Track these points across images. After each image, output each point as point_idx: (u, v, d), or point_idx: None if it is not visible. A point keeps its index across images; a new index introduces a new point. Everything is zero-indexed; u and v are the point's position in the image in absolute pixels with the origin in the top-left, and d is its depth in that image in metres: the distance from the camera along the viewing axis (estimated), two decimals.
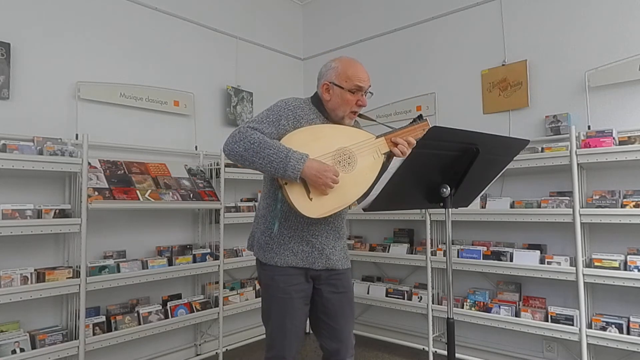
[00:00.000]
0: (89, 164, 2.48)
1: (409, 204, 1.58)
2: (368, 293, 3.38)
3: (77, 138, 2.64)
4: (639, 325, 2.33)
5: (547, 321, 2.58)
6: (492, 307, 2.79)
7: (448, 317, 1.47)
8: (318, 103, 1.71)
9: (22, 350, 2.19)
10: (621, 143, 2.44)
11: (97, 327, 2.50)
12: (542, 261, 2.64)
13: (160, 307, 2.79)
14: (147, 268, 2.70)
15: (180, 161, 3.19)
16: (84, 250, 2.39)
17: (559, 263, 2.57)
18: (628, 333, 2.35)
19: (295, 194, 1.51)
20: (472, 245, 3.01)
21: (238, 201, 3.43)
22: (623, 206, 2.40)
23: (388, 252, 3.35)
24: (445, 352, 2.37)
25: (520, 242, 2.91)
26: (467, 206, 1.63)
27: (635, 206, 2.36)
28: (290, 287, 1.64)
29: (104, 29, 2.88)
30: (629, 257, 2.40)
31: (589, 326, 2.47)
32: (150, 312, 2.72)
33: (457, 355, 2.95)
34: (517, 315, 2.70)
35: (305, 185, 1.51)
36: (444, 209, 1.47)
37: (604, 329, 2.41)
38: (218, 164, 3.18)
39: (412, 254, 3.24)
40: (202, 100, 3.42)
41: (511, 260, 2.73)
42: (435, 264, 3.06)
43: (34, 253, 2.48)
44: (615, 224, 2.47)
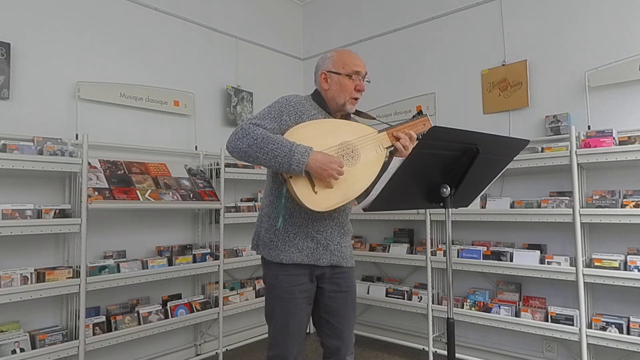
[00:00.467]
0: (89, 164, 2.49)
1: (409, 204, 1.58)
2: (368, 293, 3.38)
3: (77, 138, 2.64)
4: (639, 325, 2.33)
5: (547, 321, 2.58)
6: (492, 307, 2.79)
7: (448, 317, 1.47)
8: (319, 99, 1.72)
9: (22, 350, 2.19)
10: (621, 143, 2.44)
11: (97, 327, 2.50)
12: (542, 261, 2.64)
13: (160, 307, 2.79)
14: (147, 268, 2.70)
15: (180, 161, 3.19)
16: (84, 250, 2.39)
17: (559, 263, 2.57)
18: (628, 333, 2.35)
19: (300, 188, 1.50)
20: (472, 245, 3.01)
21: (238, 201, 3.42)
22: (623, 206, 2.40)
23: (388, 252, 3.35)
24: (445, 352, 2.37)
25: (520, 242, 2.91)
26: (467, 206, 1.63)
27: (635, 206, 2.36)
28: (294, 287, 1.64)
29: (104, 29, 2.88)
30: (629, 257, 2.40)
31: (589, 326, 2.47)
32: (150, 312, 2.72)
33: (457, 355, 2.95)
34: (517, 315, 2.70)
35: (310, 178, 1.51)
36: (444, 209, 1.47)
37: (604, 329, 2.41)
38: (218, 164, 3.18)
39: (412, 254, 3.24)
40: (202, 100, 3.42)
41: (511, 260, 2.73)
42: (435, 264, 3.06)
43: (34, 253, 2.48)
44: (615, 224, 2.47)
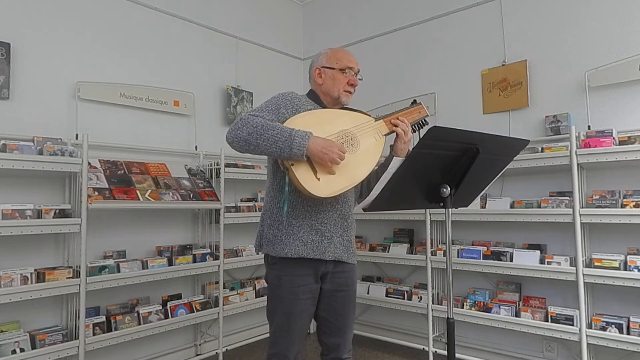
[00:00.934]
0: (89, 164, 2.48)
1: (409, 204, 1.58)
2: (368, 293, 3.38)
3: (77, 138, 2.64)
4: (639, 325, 2.33)
5: (547, 321, 2.58)
6: (492, 307, 2.79)
7: (448, 317, 1.47)
8: (314, 96, 1.76)
9: (22, 350, 2.19)
10: (621, 143, 2.44)
11: (97, 327, 2.50)
12: (542, 261, 2.64)
13: (160, 307, 2.79)
14: (147, 268, 2.70)
15: (180, 161, 3.19)
16: (84, 250, 2.39)
17: (559, 263, 2.57)
18: (628, 333, 2.35)
19: (302, 175, 1.50)
20: (472, 245, 3.02)
21: (238, 201, 3.42)
22: (623, 206, 2.40)
23: (388, 252, 3.35)
24: (445, 352, 2.37)
25: (520, 242, 2.91)
26: (467, 206, 1.63)
27: (635, 206, 2.36)
28: (297, 288, 1.63)
29: (103, 29, 2.88)
30: (629, 257, 2.40)
31: (589, 326, 2.47)
32: (150, 312, 2.72)
33: (457, 355, 2.95)
34: (517, 315, 2.70)
35: (312, 165, 1.51)
36: (444, 209, 1.47)
37: (604, 329, 2.41)
38: (218, 164, 3.18)
39: (412, 254, 3.24)
40: (202, 100, 3.42)
41: (511, 260, 2.73)
42: (435, 264, 3.06)
43: (34, 253, 2.48)
44: (615, 224, 2.47)
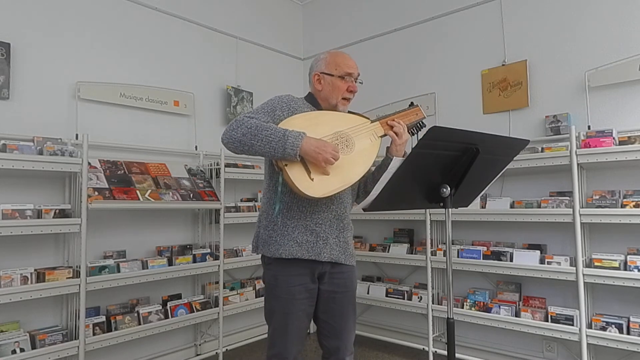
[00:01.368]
0: (89, 164, 2.48)
1: (409, 204, 1.58)
2: (368, 293, 3.38)
3: (77, 138, 2.64)
4: (639, 325, 2.33)
5: (547, 321, 2.58)
6: (492, 307, 2.79)
7: (448, 317, 1.47)
8: (312, 99, 1.76)
9: (22, 350, 2.19)
10: (621, 143, 2.44)
11: (97, 327, 2.50)
12: (542, 261, 2.64)
13: (160, 307, 2.79)
14: (147, 268, 2.70)
15: (180, 161, 3.19)
16: (84, 250, 2.39)
17: (559, 263, 2.57)
18: (628, 333, 2.35)
19: (296, 175, 1.50)
20: (472, 245, 3.01)
21: (238, 201, 3.42)
22: (623, 206, 2.40)
23: (388, 252, 3.35)
24: (445, 352, 2.37)
25: (520, 242, 2.91)
26: (467, 206, 1.63)
27: (635, 206, 2.36)
28: (294, 288, 1.63)
29: (104, 29, 2.88)
30: (629, 257, 2.40)
31: (589, 326, 2.47)
32: (150, 312, 2.72)
33: (457, 355, 2.95)
34: (517, 315, 2.70)
35: (306, 166, 1.51)
36: (444, 209, 1.47)
37: (604, 329, 2.41)
38: (218, 164, 3.18)
39: (412, 254, 3.24)
40: (202, 100, 3.42)
41: (511, 260, 2.73)
42: (435, 264, 3.06)
43: (34, 253, 2.48)
44: (615, 224, 2.47)
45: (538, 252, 2.68)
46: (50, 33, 2.63)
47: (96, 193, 2.46)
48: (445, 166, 1.41)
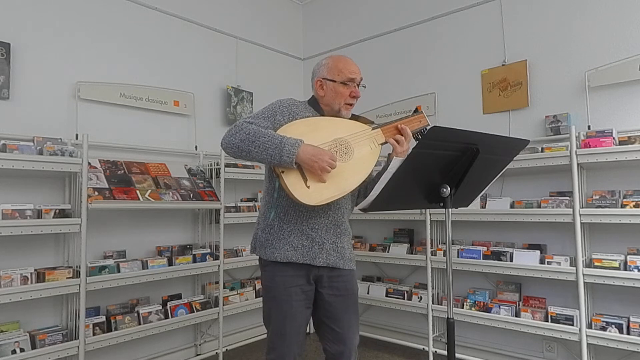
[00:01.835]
0: (89, 164, 2.49)
1: (409, 204, 1.58)
2: (368, 293, 3.38)
3: (77, 138, 2.64)
4: (639, 325, 2.33)
5: (547, 321, 2.58)
6: (492, 307, 2.79)
7: (448, 317, 1.47)
8: (315, 104, 1.75)
9: (22, 350, 2.19)
10: (621, 143, 2.44)
11: (97, 327, 2.50)
12: (542, 261, 2.64)
13: (160, 307, 2.79)
14: (147, 268, 2.70)
15: (180, 161, 3.19)
16: (84, 250, 2.39)
17: (559, 263, 2.57)
18: (628, 333, 2.35)
19: (292, 182, 1.49)
20: (472, 245, 3.01)
21: (238, 201, 3.42)
22: (623, 206, 2.40)
23: (388, 252, 3.35)
24: (445, 352, 2.37)
25: (520, 242, 2.91)
26: (467, 206, 1.63)
27: (635, 206, 2.36)
28: (291, 289, 1.63)
29: (104, 29, 2.88)
30: (629, 257, 2.40)
31: (589, 326, 2.47)
32: (150, 312, 2.72)
33: (457, 355, 2.95)
34: (517, 315, 2.70)
35: (302, 173, 1.51)
36: (444, 209, 1.47)
37: (604, 329, 2.41)
38: (218, 164, 3.18)
39: (412, 254, 3.24)
40: (202, 100, 3.42)
41: (511, 260, 2.73)
42: (435, 264, 3.06)
43: (34, 253, 2.48)
44: (615, 224, 2.47)
45: (538, 252, 2.68)
46: (50, 33, 2.63)
47: (96, 193, 2.46)
48: (445, 166, 1.41)
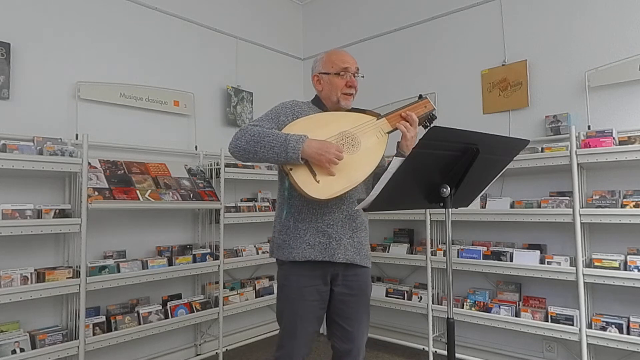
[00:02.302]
0: (89, 164, 2.49)
1: (409, 204, 1.57)
2: None
3: (77, 138, 2.64)
4: (639, 325, 2.33)
5: (547, 321, 2.58)
6: (492, 307, 2.79)
7: (448, 317, 1.47)
8: (318, 102, 1.77)
9: (22, 350, 2.19)
10: (621, 143, 2.44)
11: (97, 327, 2.50)
12: (542, 261, 2.64)
13: (160, 307, 2.79)
14: (147, 268, 2.70)
15: (180, 161, 3.19)
16: (84, 250, 2.39)
17: (559, 263, 2.57)
18: (628, 333, 2.35)
19: (301, 178, 1.50)
20: (472, 245, 3.01)
21: (238, 201, 3.42)
22: (623, 206, 2.40)
23: (388, 252, 3.35)
24: (445, 352, 2.37)
25: (520, 242, 2.91)
26: (467, 206, 1.62)
27: (635, 206, 2.36)
28: (304, 289, 1.62)
29: (104, 29, 2.88)
30: (629, 257, 2.40)
31: (589, 326, 2.47)
32: (150, 312, 2.72)
33: (457, 355, 2.95)
34: (517, 315, 2.70)
35: (311, 168, 1.51)
36: (444, 209, 1.47)
37: (604, 329, 2.41)
38: (218, 164, 3.18)
39: (412, 254, 3.24)
40: (202, 100, 3.42)
41: (511, 260, 2.73)
42: (435, 264, 3.06)
43: (34, 253, 2.48)
44: (615, 224, 2.47)
45: (538, 252, 2.68)
46: (50, 33, 2.63)
47: (96, 193, 2.46)
48: (445, 166, 1.41)
